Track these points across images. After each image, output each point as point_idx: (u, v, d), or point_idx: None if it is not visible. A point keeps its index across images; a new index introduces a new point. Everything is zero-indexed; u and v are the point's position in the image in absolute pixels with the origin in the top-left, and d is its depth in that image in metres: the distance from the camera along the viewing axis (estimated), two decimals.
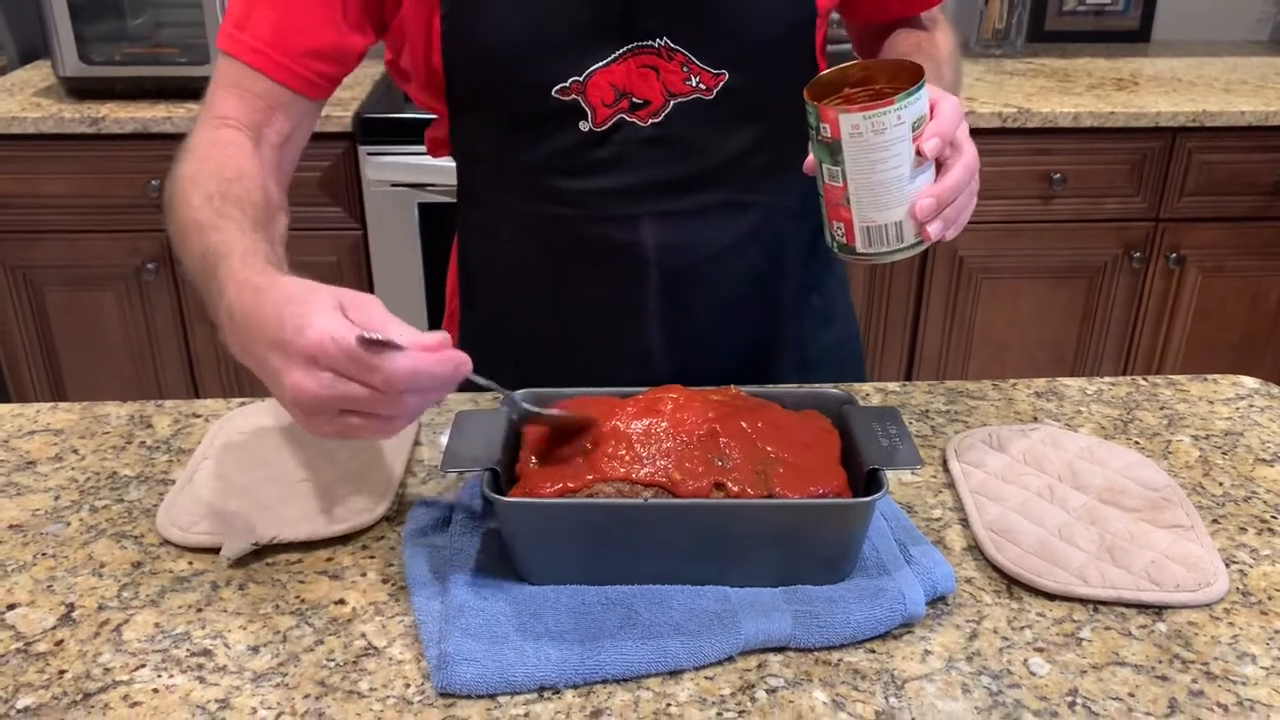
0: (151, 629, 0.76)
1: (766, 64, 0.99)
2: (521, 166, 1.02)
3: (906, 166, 0.78)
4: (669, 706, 0.69)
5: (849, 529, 0.77)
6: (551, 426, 0.81)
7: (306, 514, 0.86)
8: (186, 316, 2.31)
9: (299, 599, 0.79)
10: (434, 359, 0.66)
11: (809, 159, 0.82)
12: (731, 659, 0.73)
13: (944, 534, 0.87)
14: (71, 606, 0.78)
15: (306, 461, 0.93)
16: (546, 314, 1.09)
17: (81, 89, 2.21)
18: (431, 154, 1.12)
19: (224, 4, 2.13)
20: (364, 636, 0.75)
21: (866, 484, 0.78)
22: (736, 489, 0.76)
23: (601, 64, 0.96)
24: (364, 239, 2.24)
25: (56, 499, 0.91)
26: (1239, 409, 1.06)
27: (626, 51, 0.96)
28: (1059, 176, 2.25)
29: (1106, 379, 1.11)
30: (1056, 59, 2.64)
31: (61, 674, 0.72)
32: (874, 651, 0.74)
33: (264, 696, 0.70)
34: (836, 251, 0.84)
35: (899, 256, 0.82)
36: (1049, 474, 0.92)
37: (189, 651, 0.74)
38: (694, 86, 0.97)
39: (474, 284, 1.15)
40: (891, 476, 0.93)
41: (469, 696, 0.69)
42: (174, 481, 0.93)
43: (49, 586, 0.80)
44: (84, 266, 2.26)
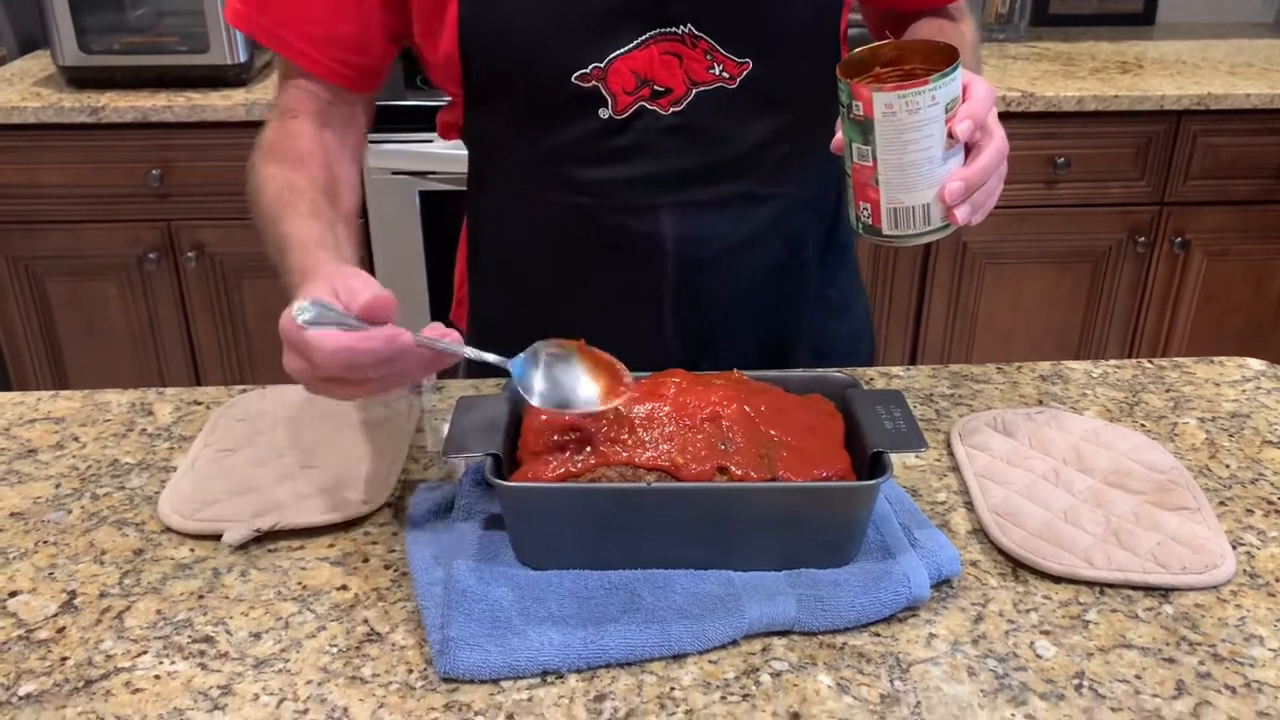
0: (153, 616, 0.75)
1: (791, 53, 0.97)
2: (538, 154, 1.00)
3: (938, 148, 0.77)
4: (672, 690, 0.69)
5: (853, 512, 0.77)
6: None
7: (308, 500, 0.86)
8: (188, 305, 2.31)
9: (301, 585, 0.78)
10: (355, 337, 0.71)
11: (837, 137, 0.81)
12: (735, 643, 0.72)
13: (949, 517, 0.86)
14: (73, 594, 0.78)
15: (308, 448, 0.93)
16: (559, 303, 1.08)
17: (81, 78, 2.21)
18: (442, 136, 1.11)
19: None
20: (366, 622, 0.75)
21: (870, 467, 0.77)
22: (740, 473, 0.76)
23: (623, 50, 0.94)
24: (365, 227, 2.23)
25: (58, 487, 0.91)
26: (1245, 391, 1.05)
27: (649, 38, 0.94)
28: (1063, 161, 2.24)
29: (1112, 362, 1.10)
30: (1060, 42, 2.63)
31: (63, 661, 0.72)
32: (879, 635, 0.73)
33: (266, 683, 0.69)
34: (861, 232, 0.82)
35: (924, 239, 0.80)
36: (1054, 457, 0.92)
37: (191, 638, 0.73)
38: (717, 75, 0.95)
39: (484, 272, 1.14)
40: (896, 460, 0.92)
41: (472, 681, 0.69)
42: (175, 469, 0.92)
43: (50, 574, 0.80)
44: (85, 256, 2.26)
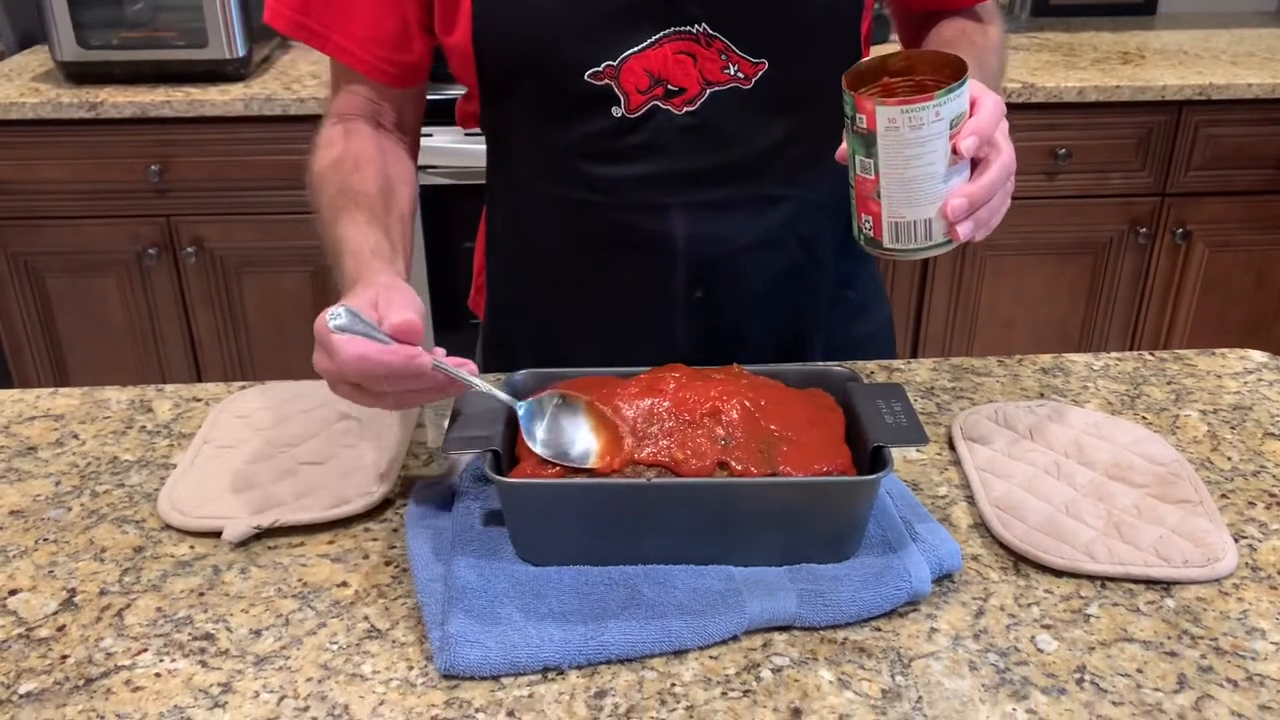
0: (153, 613, 0.75)
1: (808, 55, 0.96)
2: (552, 150, 1.00)
3: (941, 164, 0.75)
4: (673, 686, 0.69)
5: (854, 507, 0.76)
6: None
7: (308, 497, 0.86)
8: (188, 301, 2.31)
9: (301, 582, 0.78)
10: (377, 348, 0.73)
11: (842, 147, 0.80)
12: (736, 638, 0.72)
13: (950, 511, 0.86)
14: (73, 592, 0.78)
15: (308, 445, 0.93)
16: (571, 299, 1.08)
17: (79, 74, 2.20)
18: (461, 125, 1.11)
19: None
20: (366, 619, 0.75)
21: (871, 462, 0.77)
22: (740, 468, 0.76)
23: (637, 49, 0.93)
24: None
25: (57, 484, 0.90)
26: (1247, 383, 1.05)
27: (664, 37, 0.93)
28: (1064, 152, 2.24)
29: (1113, 354, 1.10)
30: (1061, 33, 2.62)
31: (64, 659, 0.71)
32: (880, 630, 0.73)
33: (266, 680, 0.69)
34: (863, 244, 0.82)
35: (926, 254, 0.79)
36: (1055, 450, 0.92)
37: (191, 636, 0.73)
38: (732, 75, 0.95)
39: (500, 261, 1.14)
40: (897, 454, 0.92)
41: (472, 678, 0.69)
42: (175, 466, 0.92)
43: (50, 572, 0.80)
44: (85, 252, 2.26)
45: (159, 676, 0.70)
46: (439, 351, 0.77)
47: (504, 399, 0.80)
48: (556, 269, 1.08)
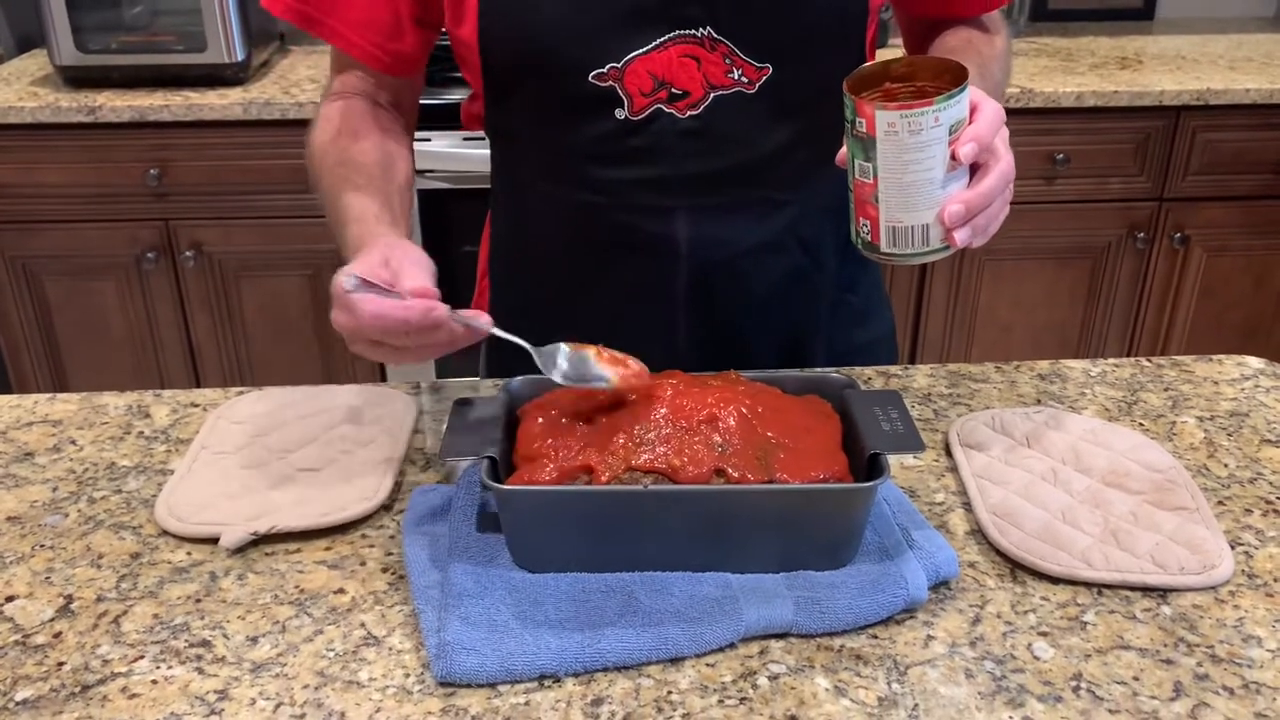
0: (150, 620, 0.75)
1: (812, 60, 0.97)
2: (556, 151, 1.01)
3: (939, 169, 0.75)
4: (670, 694, 0.69)
5: (851, 514, 0.76)
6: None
7: (305, 503, 0.86)
8: (187, 306, 2.31)
9: (298, 589, 0.78)
10: (393, 304, 0.76)
11: (842, 151, 0.80)
12: (733, 646, 0.72)
13: (947, 518, 0.86)
14: (70, 598, 0.78)
15: (305, 451, 0.93)
16: (574, 300, 1.08)
17: (78, 78, 2.20)
18: (466, 127, 1.13)
19: None
20: (363, 626, 0.75)
21: (868, 469, 0.77)
22: (737, 475, 0.76)
23: (641, 51, 0.94)
24: None
25: (55, 490, 0.90)
26: (1244, 389, 1.05)
27: (668, 40, 0.94)
28: (1062, 157, 2.24)
29: (1110, 360, 1.10)
30: (1060, 38, 2.62)
31: (60, 666, 0.71)
32: (876, 637, 0.73)
33: (263, 687, 0.69)
34: (860, 248, 0.82)
35: (923, 259, 0.80)
36: (1052, 457, 0.92)
37: (188, 642, 0.73)
38: (736, 79, 0.95)
39: (503, 264, 1.15)
40: (894, 460, 0.92)
41: (469, 685, 0.69)
42: (172, 472, 0.92)
43: (47, 578, 0.80)
44: (84, 256, 2.26)
45: (155, 683, 0.70)
46: None
47: (519, 341, 0.82)
48: (559, 271, 1.08)
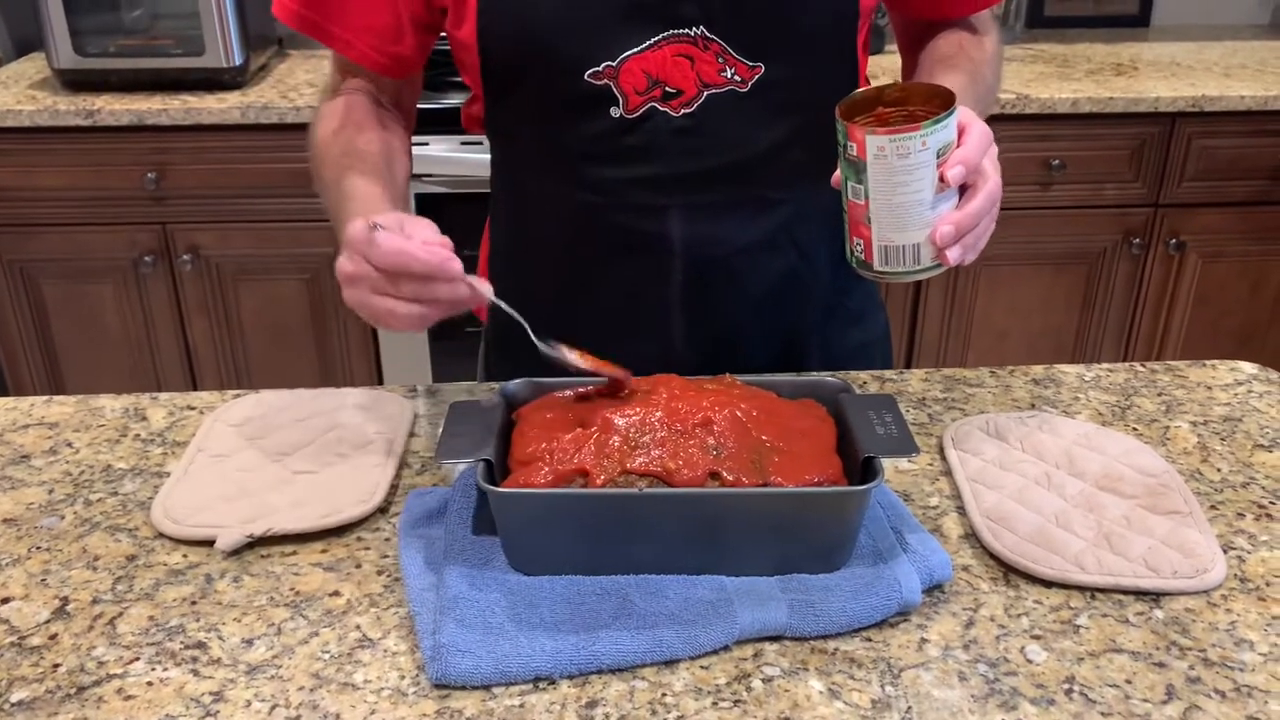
0: (145, 622, 0.75)
1: (804, 60, 0.98)
2: (552, 150, 1.02)
3: (928, 191, 0.78)
4: (664, 696, 0.69)
5: (845, 517, 0.77)
6: (577, 373, 0.84)
7: (301, 506, 0.86)
8: (184, 309, 2.31)
9: (293, 591, 0.79)
10: (416, 245, 0.78)
11: (836, 173, 0.82)
12: (727, 648, 0.73)
13: (941, 522, 0.87)
14: (65, 600, 0.78)
15: (301, 454, 0.93)
16: (571, 299, 1.09)
17: (76, 81, 2.21)
18: (466, 129, 1.14)
19: None
20: (358, 628, 0.75)
21: (862, 472, 0.77)
22: (732, 478, 0.76)
23: (636, 50, 0.95)
24: None
25: (51, 492, 0.91)
26: (1237, 394, 1.06)
27: (663, 39, 0.95)
28: (1058, 163, 2.25)
29: (1104, 365, 1.11)
30: (1056, 44, 2.63)
31: (55, 668, 0.72)
32: (870, 640, 0.74)
33: (258, 689, 0.69)
34: (855, 266, 0.84)
35: (916, 277, 0.82)
36: (1046, 461, 0.92)
37: (183, 644, 0.73)
38: (729, 78, 0.96)
39: (502, 264, 1.16)
40: (888, 464, 0.92)
41: (464, 688, 0.69)
42: (168, 474, 0.92)
43: (43, 580, 0.80)
44: (81, 259, 2.26)
45: (151, 685, 0.70)
46: None
47: (516, 316, 0.83)
48: (556, 270, 1.09)
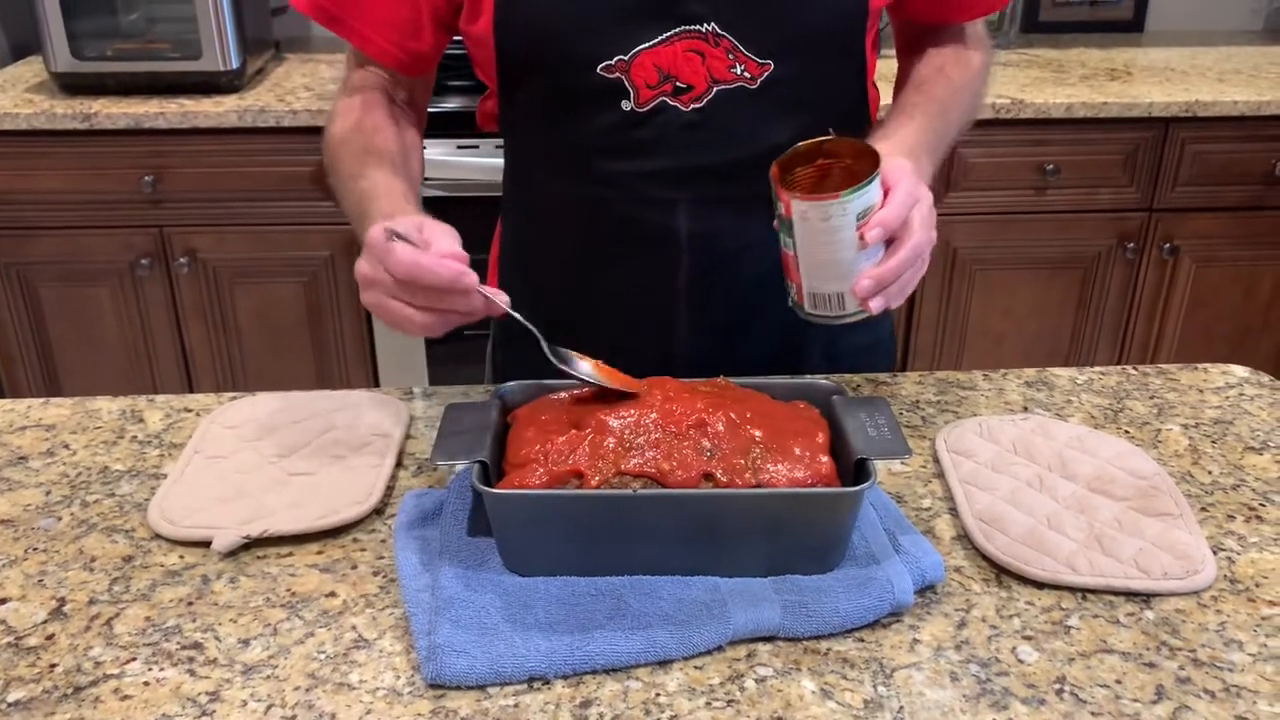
0: (142, 623, 0.76)
1: (814, 58, 0.99)
2: (563, 143, 1.03)
3: (849, 249, 0.83)
4: (658, 696, 0.69)
5: (838, 518, 0.77)
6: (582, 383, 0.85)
7: (297, 507, 0.86)
8: (181, 312, 2.31)
9: (289, 592, 0.79)
10: (432, 258, 0.80)
11: (775, 222, 0.87)
12: (721, 649, 0.73)
13: (933, 523, 0.87)
14: (62, 601, 0.78)
15: (298, 456, 0.93)
16: (578, 294, 1.10)
17: (74, 85, 2.21)
18: (481, 126, 1.16)
19: (215, 0, 2.14)
20: (354, 629, 0.75)
21: (855, 474, 0.78)
22: (725, 479, 0.77)
23: (648, 45, 0.96)
24: None
25: (48, 494, 0.91)
26: (1229, 398, 1.06)
27: (674, 34, 0.96)
28: (1052, 167, 2.25)
29: (1097, 369, 1.11)
30: (1050, 49, 2.64)
31: (52, 668, 0.72)
32: (863, 640, 0.74)
33: (254, 689, 0.70)
34: (791, 306, 0.91)
35: (844, 322, 0.88)
36: (1039, 463, 0.93)
37: (179, 645, 0.74)
38: (738, 75, 0.97)
39: (512, 260, 1.17)
40: (881, 466, 0.93)
41: (459, 687, 0.70)
42: (165, 476, 0.93)
43: (40, 581, 0.80)
44: (78, 262, 2.26)
45: (147, 685, 0.70)
46: None
47: (531, 328, 0.84)
48: (565, 262, 1.10)
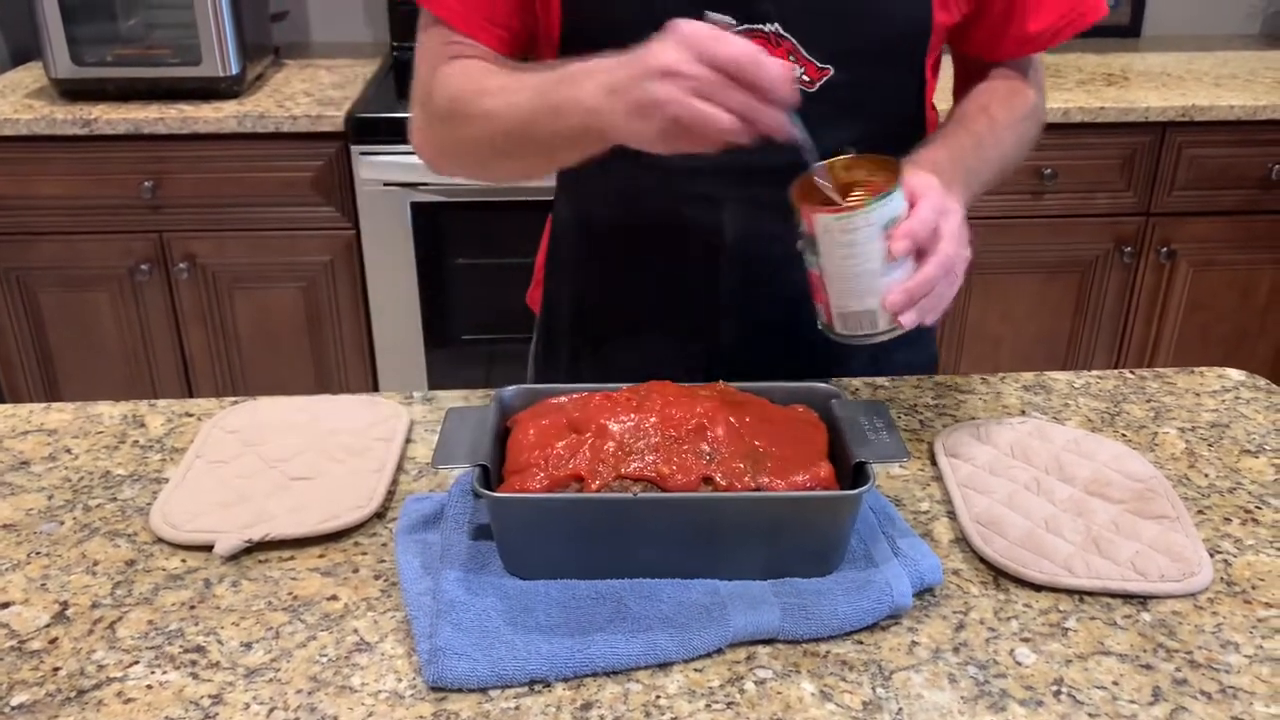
0: (145, 626, 0.76)
1: (873, 66, 1.00)
2: None
3: (878, 261, 0.81)
4: (658, 699, 0.70)
5: (837, 521, 0.78)
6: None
7: (298, 511, 0.87)
8: (180, 317, 2.32)
9: (291, 595, 0.79)
10: (770, 58, 0.76)
11: (800, 242, 0.85)
12: (720, 651, 0.73)
13: (931, 526, 0.88)
14: (65, 605, 0.79)
15: (299, 460, 0.94)
16: (622, 291, 1.11)
17: (74, 90, 2.21)
18: None
19: (214, 5, 2.14)
20: (356, 632, 0.76)
21: (854, 477, 0.78)
22: (725, 483, 0.77)
23: None
24: (357, 239, 2.24)
25: (50, 498, 0.91)
26: (1225, 401, 1.07)
27: (737, 33, 0.96)
28: (1050, 172, 2.26)
29: (1094, 372, 1.12)
30: (1047, 54, 2.64)
31: (55, 671, 0.72)
32: (862, 643, 0.75)
33: (257, 692, 0.70)
34: (821, 329, 0.87)
35: (876, 340, 0.84)
36: (1036, 466, 0.93)
37: (182, 648, 0.74)
38: (798, 77, 0.98)
39: (560, 256, 1.17)
40: (879, 470, 0.93)
41: (460, 690, 0.70)
42: (167, 480, 0.93)
43: (43, 585, 0.81)
44: (78, 268, 2.26)
45: (150, 688, 0.71)
46: None
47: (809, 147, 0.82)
48: (611, 262, 1.11)
